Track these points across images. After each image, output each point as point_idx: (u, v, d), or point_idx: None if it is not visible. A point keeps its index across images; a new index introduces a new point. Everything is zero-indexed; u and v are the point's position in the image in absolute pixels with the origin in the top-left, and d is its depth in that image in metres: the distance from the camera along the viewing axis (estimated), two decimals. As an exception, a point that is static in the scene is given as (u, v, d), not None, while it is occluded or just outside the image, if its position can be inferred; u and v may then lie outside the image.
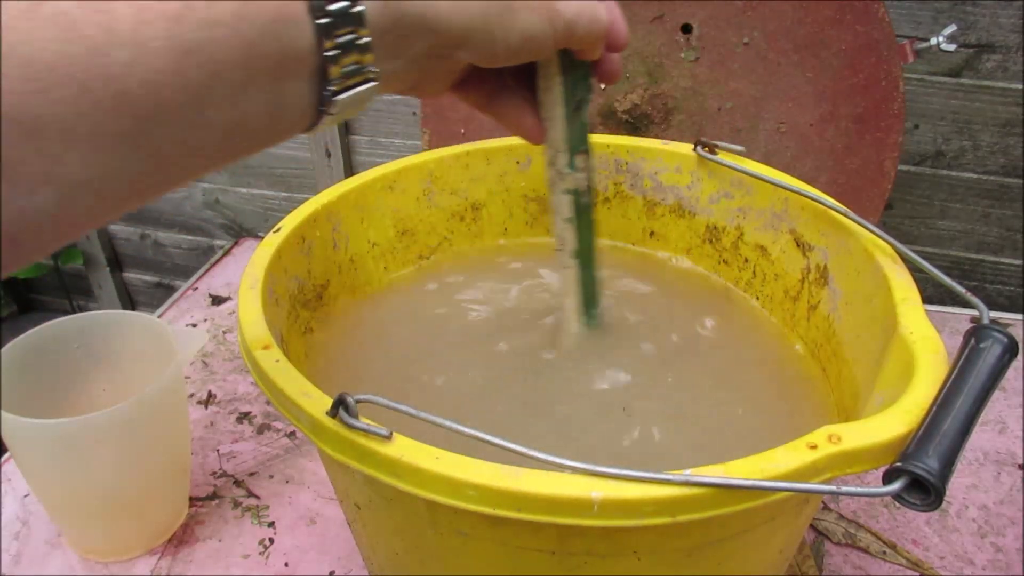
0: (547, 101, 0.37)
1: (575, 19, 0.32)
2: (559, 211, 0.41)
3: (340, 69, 0.25)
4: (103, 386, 0.52)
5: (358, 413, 0.29)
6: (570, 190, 0.40)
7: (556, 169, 0.39)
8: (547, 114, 0.37)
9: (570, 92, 0.37)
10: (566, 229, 0.41)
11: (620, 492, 0.26)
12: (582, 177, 0.40)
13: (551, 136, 0.38)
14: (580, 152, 0.39)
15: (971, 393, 0.29)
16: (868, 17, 0.62)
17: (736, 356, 0.45)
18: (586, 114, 0.39)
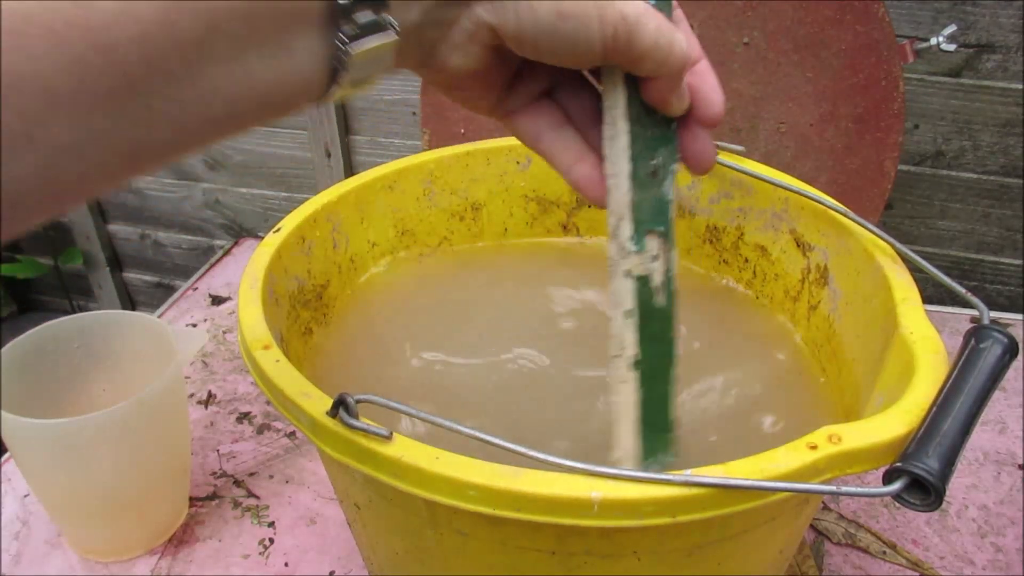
0: (612, 152, 0.30)
1: (637, 18, 0.26)
2: (617, 301, 0.31)
3: (354, 20, 0.23)
4: (103, 386, 0.52)
5: (358, 413, 0.29)
6: (633, 275, 0.31)
7: (618, 243, 0.31)
8: (611, 168, 0.30)
9: (643, 147, 0.30)
10: (625, 328, 0.31)
11: (620, 492, 0.26)
12: (654, 266, 0.31)
13: (614, 196, 0.31)
14: (654, 232, 0.31)
15: (971, 393, 0.29)
16: (868, 17, 0.62)
17: (736, 356, 0.45)
18: (669, 191, 0.31)
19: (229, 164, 1.08)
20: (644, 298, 0.31)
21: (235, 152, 1.06)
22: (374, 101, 0.96)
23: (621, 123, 0.29)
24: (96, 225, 1.18)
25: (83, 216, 1.17)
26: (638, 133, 0.30)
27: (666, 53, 0.27)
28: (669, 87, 0.28)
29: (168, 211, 1.16)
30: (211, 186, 1.11)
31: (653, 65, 0.27)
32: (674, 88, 0.28)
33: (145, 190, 1.14)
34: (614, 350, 0.32)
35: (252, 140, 1.04)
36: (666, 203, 0.31)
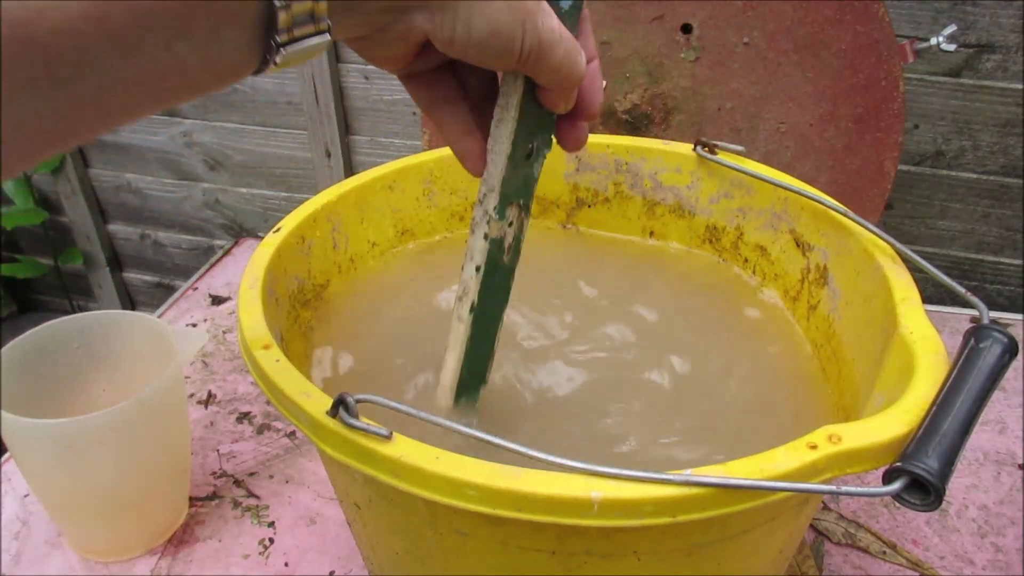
0: (497, 133, 0.34)
1: (551, 44, 0.29)
2: (472, 256, 0.37)
3: (290, 18, 0.23)
4: (103, 386, 0.52)
5: (358, 413, 0.29)
6: (491, 237, 0.36)
7: (483, 208, 0.36)
8: (493, 146, 0.34)
9: (525, 134, 0.34)
10: (472, 279, 0.37)
11: (620, 492, 0.26)
12: (509, 231, 0.37)
13: (490, 171, 0.35)
14: (515, 203, 0.36)
15: (971, 393, 0.29)
16: (868, 17, 0.62)
17: (736, 356, 0.45)
18: (537, 171, 0.36)
19: (229, 164, 1.08)
20: (494, 256, 0.37)
21: (235, 152, 1.06)
22: (374, 101, 0.96)
23: (512, 111, 0.33)
24: (96, 225, 1.18)
25: (83, 216, 1.17)
26: (523, 121, 0.33)
27: (566, 74, 0.30)
28: (561, 95, 0.32)
29: (168, 211, 1.16)
30: (211, 186, 1.11)
31: (553, 81, 0.31)
32: (565, 96, 0.32)
33: (145, 190, 1.14)
34: (459, 293, 0.37)
35: (252, 140, 1.04)
36: (532, 180, 0.36)
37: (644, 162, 0.51)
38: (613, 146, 0.52)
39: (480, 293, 0.37)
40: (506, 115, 0.33)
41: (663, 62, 0.66)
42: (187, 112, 1.05)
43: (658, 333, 0.46)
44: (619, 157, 0.52)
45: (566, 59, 0.30)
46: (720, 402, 0.41)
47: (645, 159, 0.51)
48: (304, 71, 0.94)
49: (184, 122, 1.06)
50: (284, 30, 0.23)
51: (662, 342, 0.45)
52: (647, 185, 0.52)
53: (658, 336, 0.46)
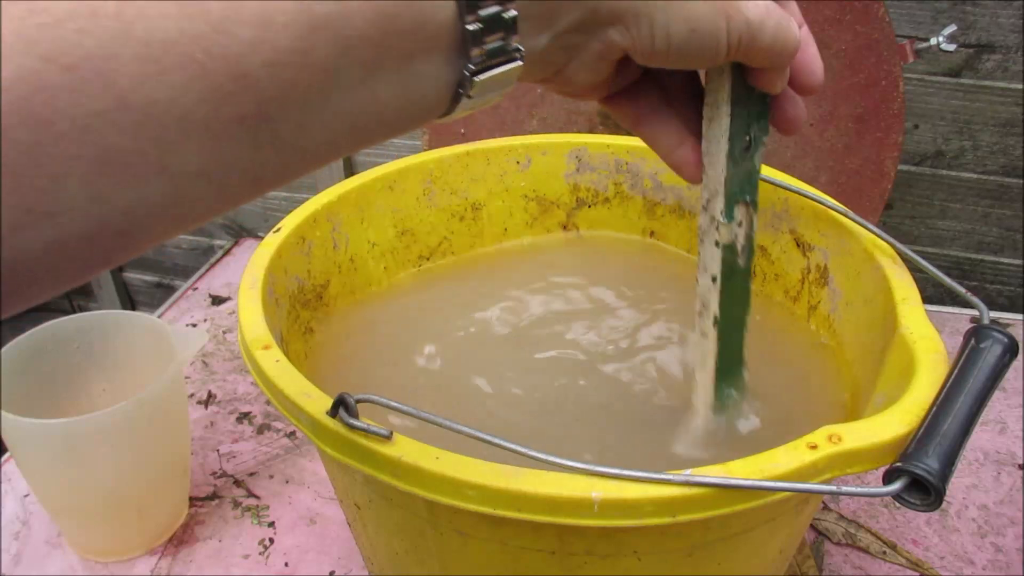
0: (711, 133, 0.32)
1: (760, 23, 0.27)
2: (705, 267, 0.35)
3: (483, 48, 0.22)
4: (103, 386, 0.52)
5: (358, 413, 0.29)
6: (722, 244, 0.34)
7: (709, 215, 0.34)
8: (709, 148, 0.32)
9: (741, 126, 0.31)
10: (710, 291, 0.35)
11: (620, 492, 0.26)
12: (740, 232, 0.34)
13: (709, 174, 0.32)
14: (742, 202, 0.34)
15: (971, 393, 0.29)
16: (868, 17, 0.62)
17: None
18: (758, 162, 0.34)
19: (229, 164, 1.07)
20: (728, 262, 0.34)
21: (235, 152, 1.06)
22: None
23: (723, 106, 0.31)
24: (96, 225, 1.18)
25: (83, 216, 1.17)
26: (737, 113, 0.31)
27: (781, 48, 0.28)
28: (777, 74, 0.29)
29: (168, 211, 1.16)
30: (211, 186, 1.11)
31: (769, 60, 0.28)
32: (781, 73, 0.29)
33: (145, 190, 1.14)
34: (699, 307, 0.35)
35: (252, 140, 1.04)
36: (755, 172, 0.34)
37: (644, 162, 0.51)
38: (613, 146, 0.52)
39: (721, 303, 0.35)
40: (718, 112, 0.31)
41: (663, 62, 0.66)
42: (187, 112, 1.04)
43: (658, 333, 0.46)
44: (619, 157, 0.52)
45: (779, 33, 0.27)
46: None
47: (645, 159, 0.51)
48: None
49: (184, 122, 1.06)
50: (477, 60, 0.22)
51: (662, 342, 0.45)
52: (647, 185, 0.52)
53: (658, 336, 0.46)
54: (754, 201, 0.34)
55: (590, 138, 0.53)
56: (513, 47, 0.23)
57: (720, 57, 0.27)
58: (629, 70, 0.30)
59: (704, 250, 0.35)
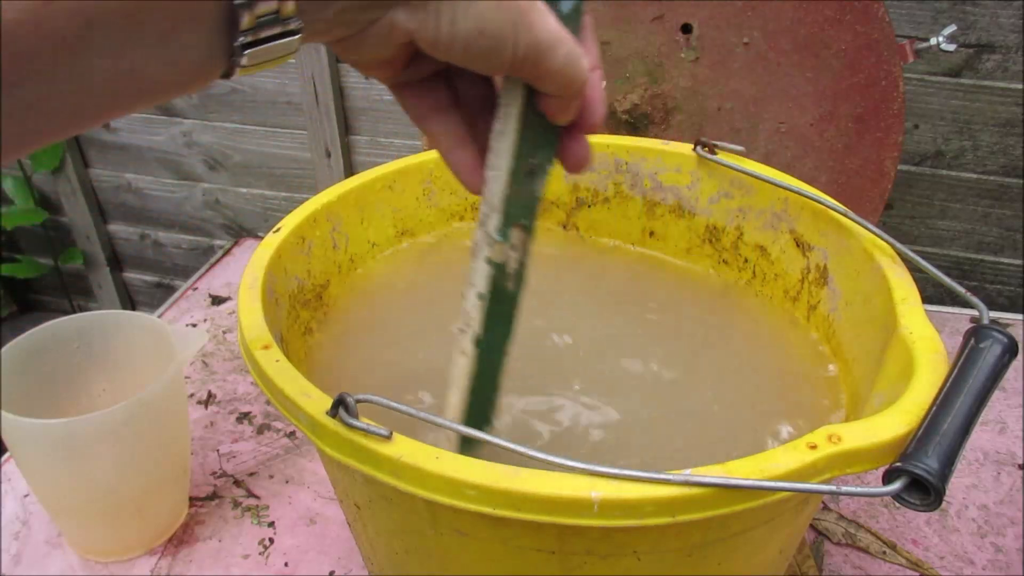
0: (498, 147, 0.32)
1: (550, 45, 0.27)
2: (473, 282, 0.34)
3: (254, 18, 0.22)
4: (103, 386, 0.52)
5: (358, 413, 0.29)
6: (492, 261, 0.34)
7: (484, 231, 0.33)
8: (493, 162, 0.32)
9: (527, 148, 0.32)
10: (475, 307, 0.34)
11: (620, 492, 0.26)
12: (513, 255, 0.34)
13: (491, 189, 0.32)
14: (518, 225, 0.34)
15: (971, 393, 0.29)
16: (868, 17, 0.62)
17: (736, 356, 0.45)
18: (541, 188, 0.34)
19: (229, 164, 1.08)
20: (498, 283, 0.34)
21: (235, 152, 1.06)
22: (374, 101, 0.96)
23: (513, 123, 0.31)
24: (96, 225, 1.18)
25: (83, 216, 1.17)
26: (525, 134, 0.31)
27: (569, 80, 0.28)
28: (563, 104, 0.30)
29: (168, 211, 1.16)
30: (211, 186, 1.11)
31: (555, 88, 0.28)
32: (568, 105, 0.30)
33: (145, 190, 1.14)
34: (461, 324, 0.35)
35: (252, 140, 1.04)
36: (536, 199, 0.34)
37: (644, 162, 0.51)
38: (613, 146, 0.52)
39: (485, 324, 0.34)
40: (507, 127, 0.31)
41: (663, 62, 0.66)
42: (187, 112, 1.05)
43: (657, 333, 0.46)
44: (619, 157, 0.52)
45: (568, 62, 0.28)
46: (720, 402, 0.41)
47: (645, 159, 0.51)
48: (304, 71, 0.94)
49: (184, 122, 1.06)
50: (248, 31, 0.22)
51: (661, 342, 0.45)
52: (647, 185, 0.52)
53: (657, 336, 0.46)
54: (530, 228, 0.34)
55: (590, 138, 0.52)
56: (286, 16, 0.23)
57: (505, 65, 0.27)
58: (423, 64, 0.30)
59: (475, 265, 0.34)
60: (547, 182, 0.34)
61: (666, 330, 0.46)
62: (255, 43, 0.22)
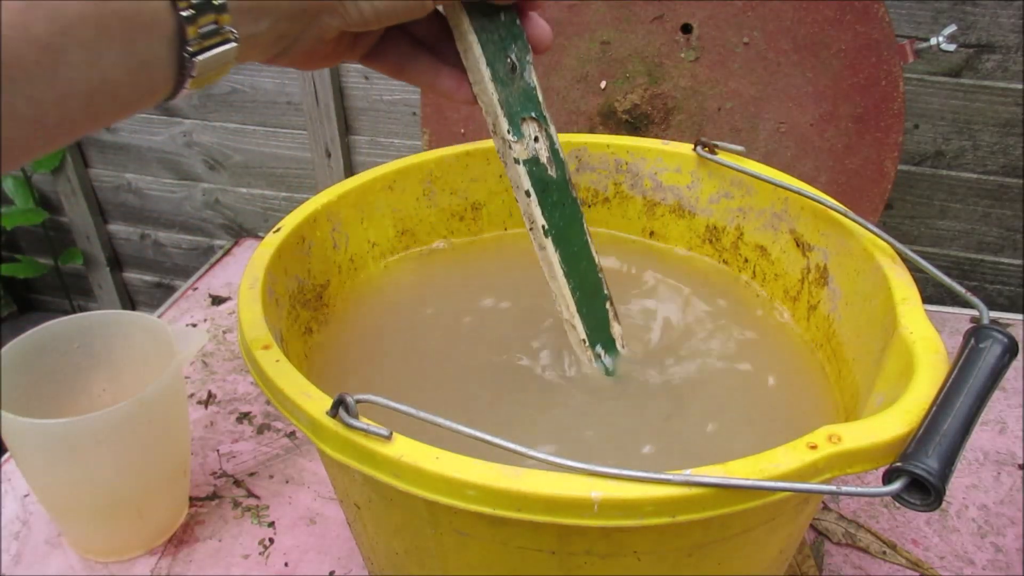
0: (469, 63, 0.34)
1: None
2: (516, 184, 0.37)
3: (197, 29, 0.24)
4: (103, 386, 0.52)
5: (358, 413, 0.29)
6: (521, 160, 0.36)
7: (499, 137, 0.36)
8: (474, 77, 0.34)
9: (496, 50, 0.34)
10: (527, 203, 0.37)
11: (620, 492, 0.26)
12: (538, 146, 0.36)
13: (483, 100, 0.35)
14: (528, 118, 0.36)
15: (971, 393, 0.29)
16: (868, 17, 0.62)
17: (736, 356, 0.45)
18: (532, 80, 0.36)
19: (229, 164, 1.08)
20: (537, 175, 0.36)
21: (235, 152, 1.06)
22: (374, 101, 0.96)
23: (469, 36, 0.33)
24: (96, 225, 1.18)
25: (83, 216, 1.17)
26: (486, 39, 0.33)
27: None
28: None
29: (168, 211, 1.16)
30: (211, 186, 1.11)
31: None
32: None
33: (145, 190, 1.14)
34: (528, 224, 0.37)
35: (252, 140, 1.04)
36: (531, 89, 0.36)
37: (644, 162, 0.51)
38: (613, 146, 0.52)
39: (546, 215, 0.36)
40: (466, 42, 0.33)
41: (663, 62, 0.66)
42: (187, 112, 1.05)
43: (656, 333, 0.46)
44: (619, 157, 0.52)
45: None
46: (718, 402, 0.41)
47: (645, 159, 0.51)
48: (304, 71, 0.94)
49: (184, 122, 1.06)
50: (194, 40, 0.24)
51: (662, 342, 0.45)
52: (647, 185, 0.52)
53: (656, 336, 0.46)
54: (542, 116, 0.36)
55: (590, 138, 0.53)
56: (227, 28, 0.25)
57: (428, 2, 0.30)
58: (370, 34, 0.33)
59: (509, 171, 0.36)
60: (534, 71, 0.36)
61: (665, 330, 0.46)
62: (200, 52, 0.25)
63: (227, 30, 0.25)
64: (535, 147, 0.36)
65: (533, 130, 0.36)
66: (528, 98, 0.36)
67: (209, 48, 0.25)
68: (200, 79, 0.26)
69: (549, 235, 0.37)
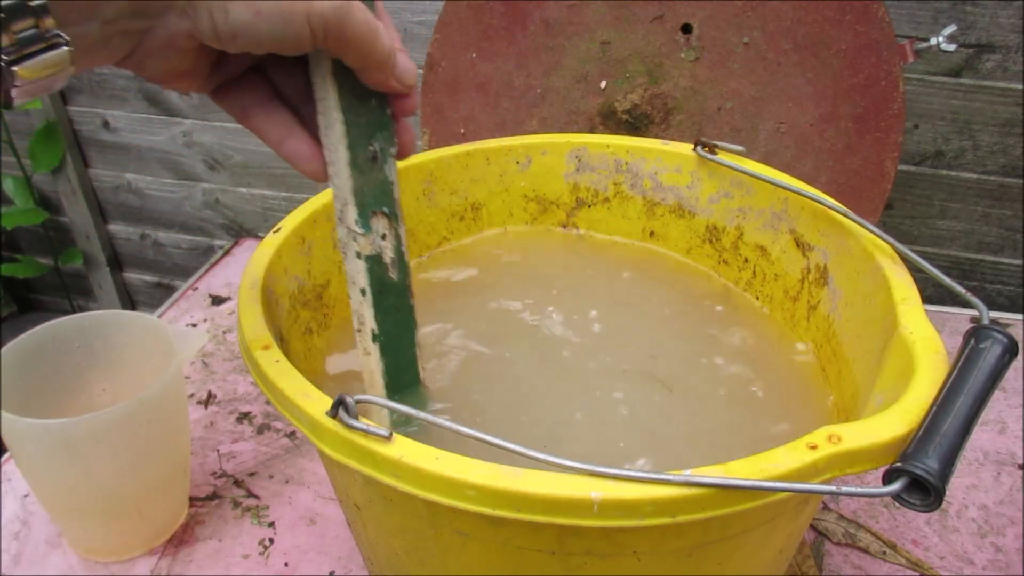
0: (329, 141, 0.31)
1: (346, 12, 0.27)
2: (353, 280, 0.34)
3: (12, 36, 0.22)
4: (103, 386, 0.52)
5: (358, 413, 0.29)
6: (364, 255, 0.33)
7: (345, 226, 0.33)
8: (330, 156, 0.31)
9: (359, 135, 0.31)
10: (362, 304, 0.34)
11: (620, 492, 0.26)
12: (384, 244, 0.33)
13: (336, 183, 0.32)
14: (379, 213, 0.33)
15: (971, 393, 0.29)
16: (868, 17, 0.62)
17: (736, 356, 0.45)
18: (391, 174, 0.33)
19: (229, 164, 1.08)
20: (377, 275, 0.33)
21: (235, 152, 1.06)
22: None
23: (334, 113, 0.30)
24: (96, 225, 1.18)
25: (83, 216, 1.17)
26: (352, 121, 0.31)
27: (372, 42, 0.28)
28: (382, 72, 0.30)
29: (168, 211, 1.16)
30: (211, 186, 1.11)
31: (360, 54, 0.28)
32: (387, 72, 0.30)
33: (145, 190, 1.14)
34: (356, 325, 0.34)
35: (252, 140, 1.04)
36: (389, 184, 0.33)
37: (644, 162, 0.51)
38: (613, 146, 0.52)
39: (378, 319, 0.34)
40: (330, 118, 0.30)
41: (663, 62, 0.66)
42: (187, 112, 1.05)
43: (657, 333, 0.46)
44: (619, 157, 0.52)
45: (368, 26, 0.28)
46: (719, 402, 0.41)
47: (645, 159, 0.51)
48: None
49: (184, 122, 1.06)
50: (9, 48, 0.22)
51: (661, 343, 0.45)
52: (647, 185, 0.52)
53: (657, 337, 0.46)
54: (393, 213, 0.33)
55: (590, 138, 0.53)
56: (52, 33, 0.22)
57: (304, 42, 0.27)
58: (230, 62, 0.30)
59: (348, 263, 0.33)
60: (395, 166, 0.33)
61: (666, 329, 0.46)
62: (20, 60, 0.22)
63: (52, 34, 0.23)
64: (381, 244, 0.33)
65: (383, 226, 0.33)
66: (384, 192, 0.33)
67: (30, 56, 0.22)
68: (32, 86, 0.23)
69: (377, 341, 0.34)
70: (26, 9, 0.22)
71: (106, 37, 0.25)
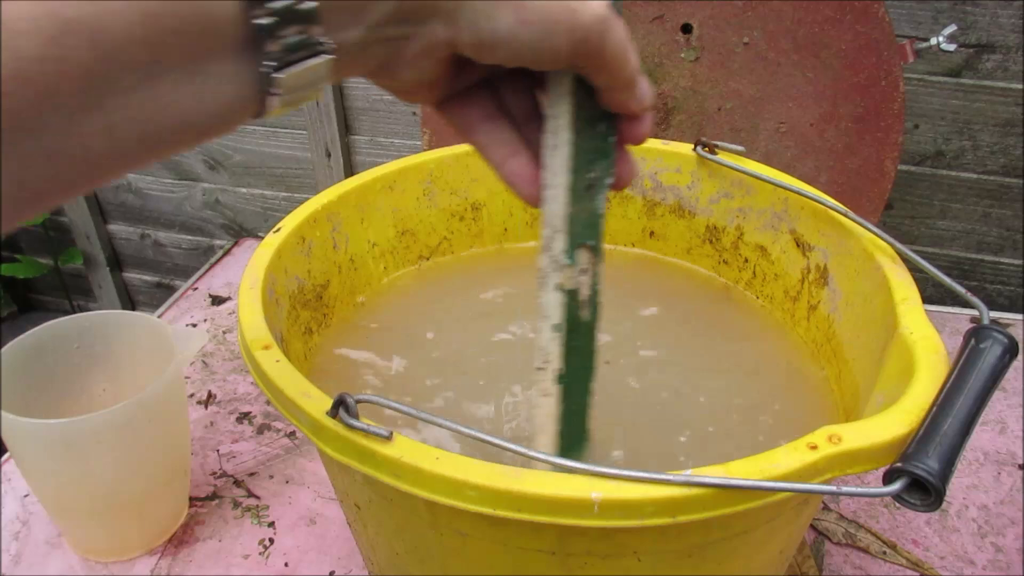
0: (552, 162, 0.29)
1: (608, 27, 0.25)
2: (546, 313, 0.31)
3: (280, 42, 0.21)
4: (103, 386, 0.52)
5: (358, 413, 0.29)
6: (564, 288, 0.31)
7: (551, 255, 0.30)
8: (550, 179, 0.29)
9: (583, 161, 0.29)
10: (552, 340, 0.31)
11: (620, 493, 0.26)
12: (584, 280, 0.31)
13: (550, 208, 0.30)
14: (585, 246, 0.31)
15: (971, 393, 0.29)
16: (868, 17, 0.62)
17: (736, 356, 0.45)
18: (602, 204, 0.31)
19: (229, 164, 1.08)
20: (571, 312, 0.31)
21: (235, 152, 1.06)
22: (374, 101, 0.96)
23: (565, 134, 0.28)
24: (96, 225, 1.18)
25: (83, 216, 1.17)
26: (580, 146, 0.29)
27: (625, 61, 0.26)
28: (628, 92, 0.28)
29: (168, 211, 1.16)
30: (211, 186, 1.11)
31: (612, 73, 0.26)
32: (632, 91, 0.28)
33: (145, 190, 1.14)
34: (539, 362, 0.31)
35: (252, 140, 1.04)
36: (598, 217, 0.31)
37: (644, 162, 0.51)
38: (613, 146, 0.52)
39: (565, 359, 0.31)
40: (559, 138, 0.28)
41: (663, 62, 0.66)
42: (187, 112, 1.05)
43: (657, 334, 0.46)
44: (619, 157, 0.52)
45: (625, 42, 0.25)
46: (720, 402, 0.41)
47: (645, 159, 0.51)
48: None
49: (184, 122, 1.06)
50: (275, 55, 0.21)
51: (661, 342, 0.45)
52: (647, 185, 0.52)
53: (657, 337, 0.46)
54: (598, 249, 0.31)
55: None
56: (316, 40, 0.21)
57: (561, 57, 0.25)
58: (464, 74, 0.28)
59: (545, 295, 0.31)
60: (607, 198, 0.31)
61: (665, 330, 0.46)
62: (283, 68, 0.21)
63: (317, 41, 0.21)
64: (580, 280, 0.31)
65: (586, 260, 0.31)
66: (592, 224, 0.31)
67: (295, 63, 0.21)
68: (290, 98, 0.22)
69: (562, 383, 0.31)
70: (296, 14, 0.20)
71: (366, 44, 0.23)
